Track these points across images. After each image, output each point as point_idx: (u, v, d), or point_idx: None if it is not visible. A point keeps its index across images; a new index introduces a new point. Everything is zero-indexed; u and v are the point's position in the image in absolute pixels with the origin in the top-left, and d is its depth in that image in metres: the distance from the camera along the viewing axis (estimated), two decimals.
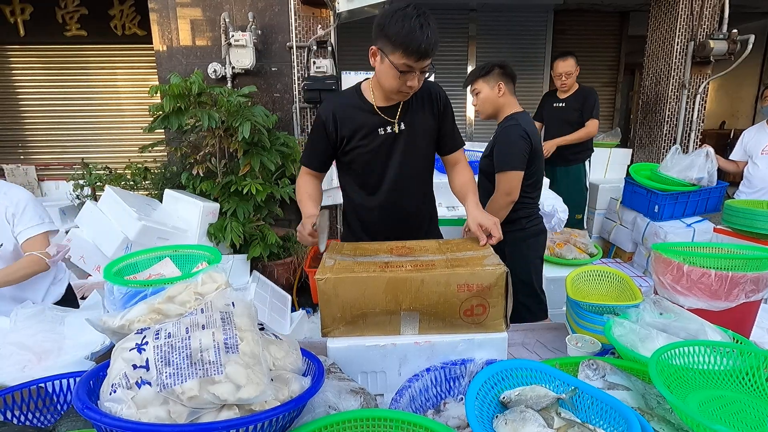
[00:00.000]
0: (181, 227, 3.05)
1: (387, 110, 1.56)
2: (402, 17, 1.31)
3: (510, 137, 1.99)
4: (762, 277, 1.21)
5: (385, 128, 1.56)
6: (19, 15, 4.78)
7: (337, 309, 1.10)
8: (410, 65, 1.36)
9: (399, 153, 1.59)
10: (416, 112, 1.59)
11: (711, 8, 3.97)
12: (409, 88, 1.44)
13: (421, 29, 1.31)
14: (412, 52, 1.33)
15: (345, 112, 1.56)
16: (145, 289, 1.10)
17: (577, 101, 3.57)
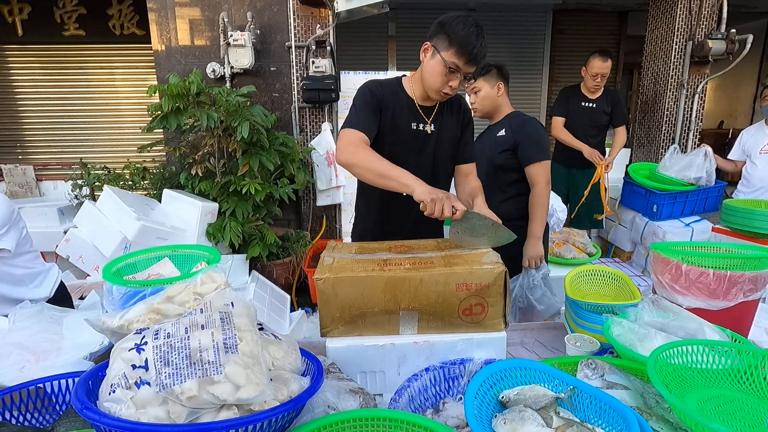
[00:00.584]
0: (180, 227, 3.04)
1: (424, 109, 1.64)
2: (464, 22, 1.44)
3: (538, 130, 2.06)
4: (760, 277, 1.22)
5: (418, 125, 1.63)
6: (17, 15, 4.77)
7: (336, 309, 1.10)
8: (458, 65, 1.45)
9: (427, 152, 1.65)
10: (447, 117, 1.68)
11: (709, 8, 3.98)
12: (449, 89, 1.51)
13: (477, 37, 1.43)
14: (465, 53, 1.43)
15: (391, 97, 1.61)
16: (144, 289, 1.10)
17: (607, 104, 3.49)
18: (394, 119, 1.60)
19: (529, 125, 2.07)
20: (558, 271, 2.61)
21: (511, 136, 2.07)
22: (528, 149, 2.03)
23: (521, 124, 2.07)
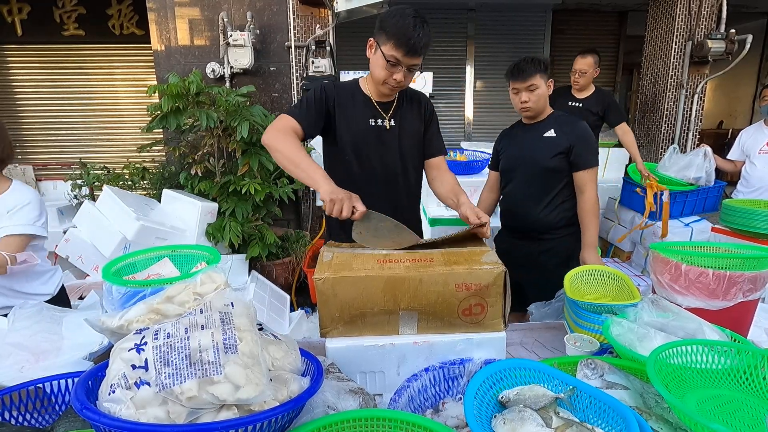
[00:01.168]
0: (180, 227, 3.04)
1: (381, 105, 1.64)
2: (401, 14, 1.42)
3: (591, 133, 1.97)
4: (760, 277, 1.22)
5: (376, 120, 1.63)
6: (17, 14, 4.76)
7: (336, 309, 1.10)
8: (398, 58, 1.44)
9: (390, 146, 1.65)
10: (407, 111, 1.68)
11: (709, 8, 3.98)
12: (395, 82, 1.50)
13: (414, 27, 1.40)
14: (402, 45, 1.41)
15: (346, 96, 1.63)
16: (143, 289, 1.10)
17: (597, 103, 3.41)
18: (350, 117, 1.62)
19: (581, 127, 1.95)
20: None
21: (564, 138, 1.92)
22: (582, 153, 1.91)
23: (573, 126, 1.95)
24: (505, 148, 2.11)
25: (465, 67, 5.61)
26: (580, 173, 1.92)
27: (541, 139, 1.96)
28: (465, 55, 5.60)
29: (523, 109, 1.97)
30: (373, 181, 1.65)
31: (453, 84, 5.64)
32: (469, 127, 5.71)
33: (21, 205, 1.68)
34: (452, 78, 5.60)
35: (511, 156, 2.06)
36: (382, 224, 1.30)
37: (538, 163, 1.95)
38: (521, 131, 2.07)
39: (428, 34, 1.44)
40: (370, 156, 1.64)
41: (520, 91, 1.94)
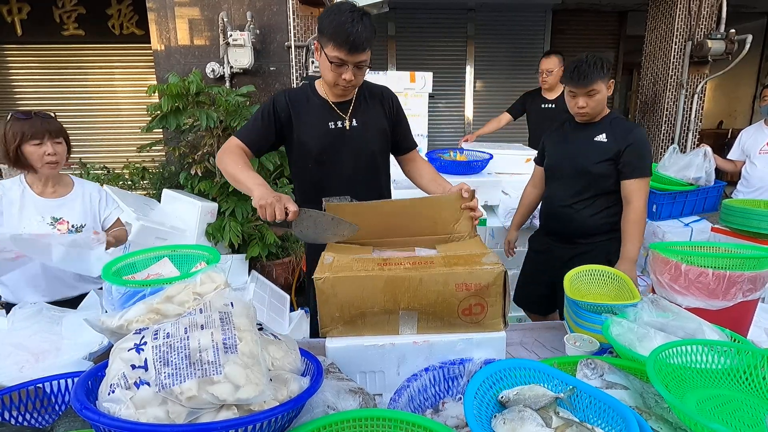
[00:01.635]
0: (180, 227, 3.04)
1: (339, 105, 1.59)
2: (335, 12, 1.38)
3: (646, 140, 1.84)
4: (759, 276, 1.22)
5: (335, 122, 1.58)
6: (17, 14, 4.76)
7: (336, 308, 1.10)
8: (342, 58, 1.40)
9: (350, 148, 1.60)
10: (368, 110, 1.62)
11: (709, 8, 3.98)
12: (345, 82, 1.46)
13: (351, 23, 1.35)
14: (342, 43, 1.37)
15: (300, 103, 1.59)
16: (143, 289, 1.10)
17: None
18: (308, 123, 1.58)
19: (637, 134, 1.81)
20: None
21: (615, 144, 1.81)
22: (632, 161, 1.79)
23: (627, 132, 1.82)
24: (552, 145, 2.01)
25: (465, 67, 5.61)
26: (628, 182, 1.80)
27: (591, 142, 1.86)
28: (465, 55, 5.59)
29: (579, 114, 1.86)
30: (340, 184, 1.61)
31: (453, 84, 5.64)
32: (469, 127, 5.71)
33: (103, 192, 1.90)
34: (452, 78, 5.60)
35: (557, 155, 1.98)
36: (321, 219, 1.33)
37: (584, 166, 1.86)
38: (571, 130, 1.96)
39: (368, 27, 1.38)
40: (334, 159, 1.60)
41: (578, 96, 1.82)
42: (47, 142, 1.64)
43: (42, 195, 1.74)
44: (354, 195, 1.59)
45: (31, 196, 1.72)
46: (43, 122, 1.65)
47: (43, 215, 1.71)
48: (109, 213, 1.87)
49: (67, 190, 1.80)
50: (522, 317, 2.76)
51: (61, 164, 1.72)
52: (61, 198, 1.77)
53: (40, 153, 1.64)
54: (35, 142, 1.62)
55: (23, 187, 1.72)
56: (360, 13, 1.38)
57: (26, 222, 1.69)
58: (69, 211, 1.76)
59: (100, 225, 1.85)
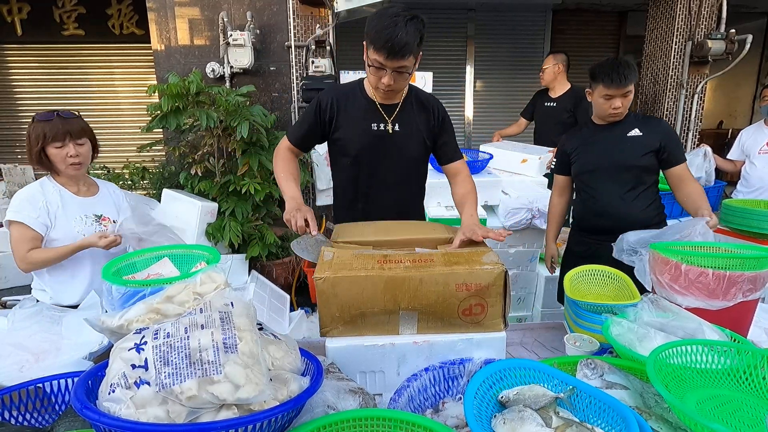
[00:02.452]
0: (180, 227, 3.04)
1: (385, 108, 1.59)
2: (381, 15, 1.37)
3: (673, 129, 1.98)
4: (759, 276, 1.22)
5: (378, 125, 1.59)
6: (17, 14, 4.76)
7: (336, 308, 1.10)
8: (381, 62, 1.39)
9: (389, 151, 1.62)
10: (412, 116, 1.62)
11: (709, 8, 3.98)
12: (384, 86, 1.45)
13: (394, 27, 1.33)
14: (381, 48, 1.36)
15: (346, 101, 1.60)
16: (143, 289, 1.10)
17: (569, 101, 3.52)
18: (352, 122, 1.59)
19: (665, 125, 1.96)
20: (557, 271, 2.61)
21: (653, 137, 1.90)
22: (674, 149, 1.91)
23: (657, 124, 1.94)
24: (579, 150, 2.05)
25: (465, 67, 5.61)
26: (677, 168, 1.91)
27: (626, 138, 1.93)
28: (465, 55, 5.59)
29: (614, 115, 1.92)
30: (376, 185, 1.64)
31: (453, 84, 5.63)
32: (469, 127, 5.71)
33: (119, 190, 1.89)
34: (452, 78, 5.60)
35: (592, 157, 2.00)
36: (321, 241, 1.38)
37: (627, 162, 1.92)
38: (597, 132, 2.02)
39: (411, 32, 1.35)
40: (373, 161, 1.62)
41: (614, 98, 1.86)
42: (69, 143, 1.62)
43: (79, 194, 1.74)
44: (387, 197, 1.66)
45: (70, 196, 1.71)
46: (65, 123, 1.62)
47: (86, 214, 1.72)
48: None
49: (97, 189, 1.81)
50: (522, 317, 2.76)
51: (86, 165, 1.72)
52: (94, 197, 1.78)
53: (62, 155, 1.61)
54: (57, 145, 1.60)
55: (59, 189, 1.70)
56: (406, 18, 1.34)
57: (73, 222, 1.68)
58: (105, 208, 1.78)
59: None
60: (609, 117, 1.94)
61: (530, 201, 2.56)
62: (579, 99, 3.47)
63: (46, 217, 1.63)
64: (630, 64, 1.85)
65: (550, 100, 3.67)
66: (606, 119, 1.97)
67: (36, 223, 1.61)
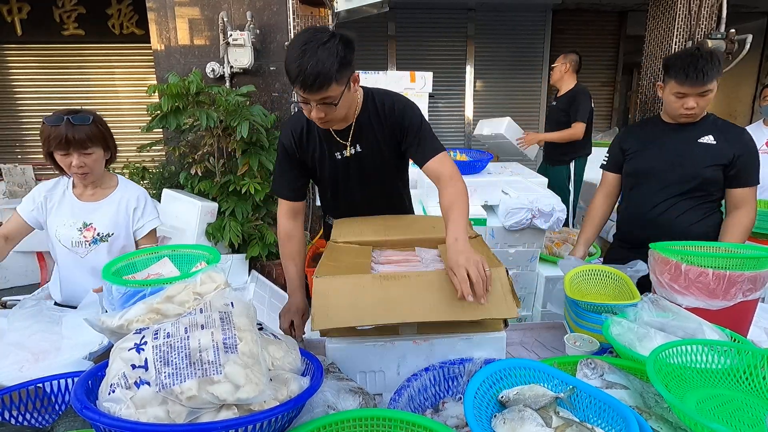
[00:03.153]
0: (180, 227, 3.04)
1: (339, 133, 1.45)
2: (292, 44, 1.20)
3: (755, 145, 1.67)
4: (759, 276, 1.22)
5: (341, 152, 1.48)
6: (17, 14, 4.76)
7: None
8: (303, 96, 1.22)
9: (357, 174, 1.52)
10: (371, 131, 1.46)
11: (709, 8, 3.98)
12: (316, 119, 1.29)
13: (302, 58, 1.14)
14: (294, 81, 1.19)
15: (304, 135, 1.48)
16: (143, 289, 1.10)
17: (567, 102, 3.58)
18: (317, 158, 1.50)
19: (747, 137, 1.67)
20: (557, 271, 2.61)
21: (728, 147, 1.64)
22: (748, 167, 1.64)
23: (737, 135, 1.67)
24: (639, 148, 1.80)
25: (465, 67, 5.61)
26: (742, 192, 1.66)
27: (696, 144, 1.68)
28: (465, 55, 5.59)
29: (685, 116, 1.67)
30: (355, 203, 1.60)
31: (453, 84, 5.63)
32: (469, 127, 5.71)
33: (144, 198, 1.75)
34: (452, 78, 5.60)
35: (650, 157, 1.76)
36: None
37: (691, 170, 1.68)
38: (664, 130, 1.76)
39: (326, 58, 1.15)
40: (352, 192, 1.57)
41: (688, 97, 1.61)
42: (73, 153, 1.52)
43: (81, 197, 1.66)
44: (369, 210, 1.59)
45: (70, 197, 1.66)
46: (72, 131, 1.50)
47: (75, 219, 1.64)
48: (141, 225, 1.72)
49: (106, 194, 1.69)
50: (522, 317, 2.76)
51: (95, 173, 1.62)
52: (97, 202, 1.67)
53: (66, 163, 1.55)
54: (61, 153, 1.52)
55: (65, 187, 1.66)
56: (319, 42, 1.15)
57: (58, 224, 1.63)
58: (100, 218, 1.66)
59: (132, 236, 1.73)
60: (680, 118, 1.69)
61: (530, 201, 2.55)
62: (573, 97, 3.52)
63: (40, 212, 1.62)
64: (713, 57, 1.57)
65: (554, 99, 3.72)
66: (676, 119, 1.71)
67: (29, 216, 1.62)
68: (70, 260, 1.64)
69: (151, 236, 1.77)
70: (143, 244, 1.73)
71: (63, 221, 1.64)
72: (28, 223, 1.63)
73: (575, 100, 3.52)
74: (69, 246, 1.63)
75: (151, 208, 1.75)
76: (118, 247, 1.69)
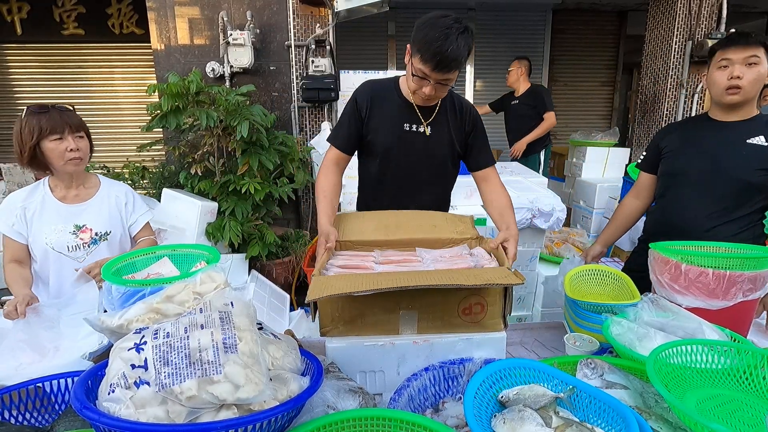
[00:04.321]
0: (180, 226, 3.04)
1: (422, 110, 1.56)
2: (431, 24, 1.31)
3: None
4: (759, 276, 1.22)
5: (411, 126, 1.57)
6: (17, 14, 4.76)
7: (336, 308, 1.10)
8: (426, 73, 1.36)
9: (419, 153, 1.59)
10: (445, 120, 1.59)
11: (709, 8, 3.98)
12: (424, 95, 1.43)
13: (445, 40, 1.28)
14: (428, 60, 1.32)
15: (382, 100, 1.57)
16: (143, 289, 1.10)
17: (530, 98, 4.04)
18: (384, 120, 1.56)
19: None
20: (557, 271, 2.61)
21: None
22: None
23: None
24: (678, 146, 1.64)
25: (465, 66, 5.61)
26: None
27: (744, 144, 1.50)
28: None
29: (731, 90, 1.47)
30: (402, 185, 1.63)
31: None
32: None
33: (131, 193, 1.74)
34: None
35: (690, 156, 1.60)
36: None
37: (735, 173, 1.50)
38: (707, 128, 1.59)
39: (462, 46, 1.30)
40: (402, 160, 1.60)
41: (734, 64, 1.45)
42: (68, 136, 1.50)
43: (64, 200, 1.60)
44: (412, 198, 1.63)
45: (52, 201, 1.58)
46: (62, 115, 1.50)
47: (65, 223, 1.58)
48: (135, 219, 1.71)
49: (91, 193, 1.65)
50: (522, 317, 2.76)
51: (86, 161, 1.59)
52: (83, 203, 1.62)
53: (61, 149, 1.49)
54: (55, 137, 1.47)
55: (44, 192, 1.58)
56: (458, 30, 1.29)
57: (46, 232, 1.56)
58: (93, 217, 1.62)
59: (127, 232, 1.71)
60: (725, 96, 1.49)
61: (530, 201, 2.56)
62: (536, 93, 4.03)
63: (21, 224, 1.55)
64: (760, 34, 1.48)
65: (514, 98, 4.17)
66: (722, 99, 1.52)
67: (12, 231, 1.54)
68: (66, 267, 1.57)
69: (147, 229, 1.75)
70: (141, 237, 1.72)
71: (52, 227, 1.56)
72: (17, 240, 1.55)
73: (539, 95, 4.00)
74: (65, 252, 1.58)
75: (141, 202, 1.75)
76: (116, 243, 1.67)
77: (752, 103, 1.53)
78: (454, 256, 1.30)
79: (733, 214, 1.53)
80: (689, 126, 1.67)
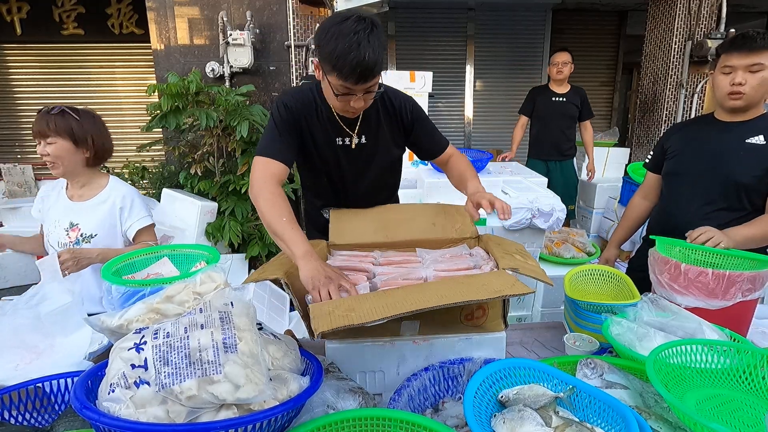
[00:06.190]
0: (179, 226, 3.04)
1: (346, 121, 1.40)
2: (337, 34, 1.12)
3: None
4: (759, 276, 1.22)
5: (343, 139, 1.43)
6: (16, 14, 4.76)
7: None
8: (349, 88, 1.19)
9: (356, 167, 1.48)
10: (378, 124, 1.44)
11: (709, 8, 3.98)
12: (354, 110, 1.28)
13: (358, 48, 1.11)
14: (348, 75, 1.15)
15: (307, 112, 1.39)
16: (143, 289, 1.10)
17: (575, 97, 3.72)
18: (314, 135, 1.41)
19: None
20: (557, 271, 2.61)
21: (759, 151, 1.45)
22: None
23: None
24: (680, 146, 1.63)
25: (465, 66, 5.61)
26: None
27: (742, 144, 1.48)
28: (465, 54, 5.59)
29: (733, 95, 1.46)
30: (346, 196, 1.55)
31: (453, 84, 5.63)
32: (469, 126, 5.71)
33: (130, 198, 1.68)
34: (452, 78, 5.59)
35: (689, 157, 1.59)
36: None
37: (730, 175, 1.49)
38: (710, 128, 1.58)
39: (377, 46, 1.14)
40: (343, 177, 1.50)
41: (736, 70, 1.43)
42: (41, 142, 1.54)
43: (72, 197, 1.66)
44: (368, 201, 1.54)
45: (63, 197, 1.66)
46: (44, 120, 1.52)
47: (62, 219, 1.63)
48: (129, 225, 1.66)
49: (93, 194, 1.66)
50: (522, 317, 2.76)
51: (64, 166, 1.57)
52: (84, 202, 1.65)
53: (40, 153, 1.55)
54: (36, 142, 1.55)
55: (61, 187, 1.68)
56: (366, 31, 1.12)
57: (50, 225, 1.65)
58: (86, 218, 1.63)
59: (121, 236, 1.68)
60: (728, 100, 1.49)
61: (530, 201, 2.55)
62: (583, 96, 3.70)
63: (38, 212, 1.71)
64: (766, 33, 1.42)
65: (556, 95, 3.75)
66: (724, 103, 1.52)
67: (38, 215, 1.71)
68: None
69: (146, 234, 1.70)
70: (138, 242, 1.70)
71: (55, 222, 1.65)
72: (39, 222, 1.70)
73: (585, 99, 3.70)
74: (56, 247, 1.62)
75: (140, 208, 1.68)
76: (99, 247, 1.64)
77: (759, 105, 1.51)
78: (454, 256, 1.30)
79: (730, 215, 1.52)
80: (694, 126, 1.67)
